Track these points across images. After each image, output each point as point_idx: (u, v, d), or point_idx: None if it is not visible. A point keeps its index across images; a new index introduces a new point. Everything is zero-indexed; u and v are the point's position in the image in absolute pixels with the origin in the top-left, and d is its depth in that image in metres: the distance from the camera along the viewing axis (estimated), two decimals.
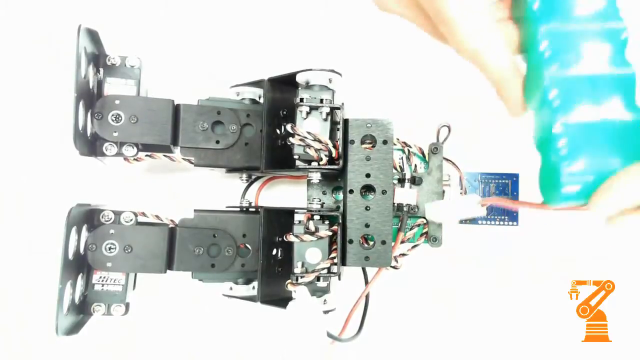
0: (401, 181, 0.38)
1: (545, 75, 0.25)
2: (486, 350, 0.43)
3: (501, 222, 0.43)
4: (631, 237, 0.43)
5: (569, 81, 0.26)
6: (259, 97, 0.41)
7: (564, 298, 0.43)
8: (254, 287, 0.40)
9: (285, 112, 0.39)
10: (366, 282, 0.39)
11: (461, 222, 0.42)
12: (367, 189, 0.37)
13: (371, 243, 0.36)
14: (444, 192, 0.39)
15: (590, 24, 0.26)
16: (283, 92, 0.39)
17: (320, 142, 0.35)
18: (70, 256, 0.34)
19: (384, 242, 0.36)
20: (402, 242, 0.38)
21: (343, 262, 0.36)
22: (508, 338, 0.43)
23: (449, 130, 0.40)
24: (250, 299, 0.39)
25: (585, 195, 0.25)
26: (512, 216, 0.44)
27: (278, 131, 0.39)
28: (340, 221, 0.36)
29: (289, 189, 0.45)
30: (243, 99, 0.41)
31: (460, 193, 0.41)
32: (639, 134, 0.25)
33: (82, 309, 0.37)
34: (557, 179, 0.25)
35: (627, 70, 0.26)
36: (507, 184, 0.44)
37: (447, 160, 0.41)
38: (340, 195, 0.41)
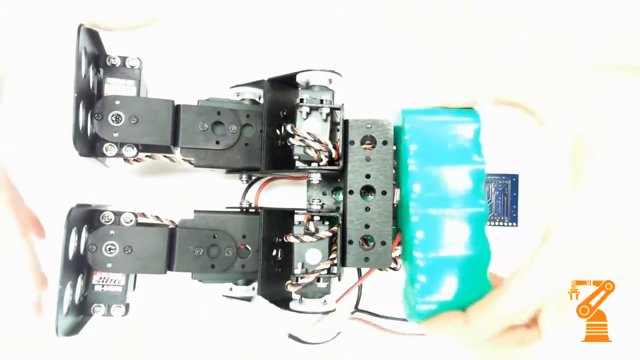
0: None
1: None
2: None
3: (501, 223, 0.43)
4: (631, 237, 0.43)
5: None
6: (259, 98, 0.41)
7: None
8: (253, 288, 0.40)
9: (285, 113, 0.39)
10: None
11: None
12: (367, 189, 0.37)
13: (371, 244, 0.36)
14: None
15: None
16: (283, 92, 0.38)
17: (320, 142, 0.35)
18: (70, 257, 0.34)
19: (383, 243, 0.36)
20: (399, 243, 0.38)
21: (343, 262, 0.36)
22: None
23: None
24: (250, 299, 0.39)
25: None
26: (512, 217, 0.44)
27: (278, 132, 0.39)
28: (340, 222, 0.36)
29: (289, 190, 0.45)
30: (243, 99, 0.41)
31: None
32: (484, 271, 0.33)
33: (82, 310, 0.37)
34: (414, 300, 0.32)
35: (480, 208, 0.33)
36: (507, 185, 0.44)
37: None
38: (340, 196, 0.41)
